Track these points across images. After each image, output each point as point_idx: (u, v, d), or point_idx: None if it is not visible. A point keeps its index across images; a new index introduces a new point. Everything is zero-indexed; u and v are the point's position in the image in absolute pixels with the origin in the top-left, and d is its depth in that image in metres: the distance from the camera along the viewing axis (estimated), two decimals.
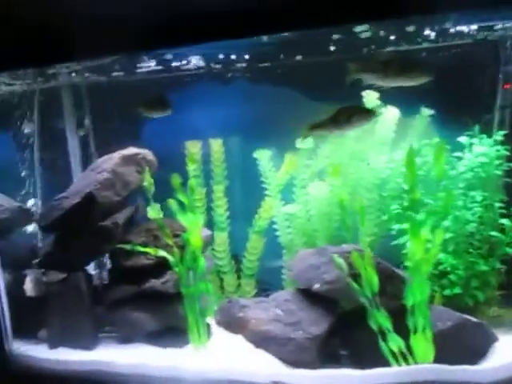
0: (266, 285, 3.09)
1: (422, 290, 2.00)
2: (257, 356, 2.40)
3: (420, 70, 1.90)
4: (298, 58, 2.93)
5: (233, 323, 2.65)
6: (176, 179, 2.27)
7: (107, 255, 2.70)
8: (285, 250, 2.93)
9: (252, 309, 2.64)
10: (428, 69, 1.91)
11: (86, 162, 3.19)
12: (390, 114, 2.61)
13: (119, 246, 2.54)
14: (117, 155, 2.62)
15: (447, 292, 2.46)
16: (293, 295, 2.59)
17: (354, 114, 2.06)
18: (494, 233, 2.39)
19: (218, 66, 3.02)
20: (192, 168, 2.40)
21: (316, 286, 2.41)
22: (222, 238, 2.98)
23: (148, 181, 2.48)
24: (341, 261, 2.17)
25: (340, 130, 2.10)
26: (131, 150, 2.68)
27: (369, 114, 2.06)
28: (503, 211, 2.43)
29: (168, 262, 2.48)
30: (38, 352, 2.61)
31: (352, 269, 2.16)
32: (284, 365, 2.33)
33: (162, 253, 2.47)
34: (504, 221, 2.37)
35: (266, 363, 2.34)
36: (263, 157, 2.89)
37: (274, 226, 2.97)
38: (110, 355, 2.48)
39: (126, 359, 2.42)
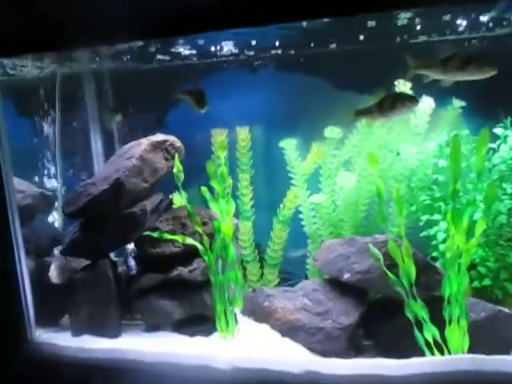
0: (289, 274, 3.08)
1: (460, 280, 1.99)
2: (284, 345, 2.40)
3: (485, 64, 1.89)
4: (331, 46, 2.89)
5: (258, 312, 2.64)
6: (211, 166, 2.24)
7: (134, 242, 2.65)
8: (309, 240, 2.92)
9: (278, 298, 2.63)
10: (493, 62, 1.89)
11: (108, 148, 3.15)
12: (426, 105, 2.58)
13: (146, 233, 2.51)
14: (145, 141, 2.59)
15: (476, 284, 2.46)
16: (321, 285, 2.58)
17: (398, 100, 2.04)
18: None
19: (245, 54, 2.98)
20: (223, 155, 2.36)
21: (346, 276, 2.41)
22: (246, 227, 2.96)
23: (177, 167, 2.45)
24: (376, 251, 2.16)
25: (384, 116, 2.08)
26: (159, 137, 2.64)
27: (412, 101, 2.04)
28: None
29: (196, 250, 2.46)
30: (61, 340, 2.58)
31: (387, 259, 2.16)
32: (313, 354, 2.34)
33: (190, 240, 2.45)
34: None
35: (294, 352, 2.34)
36: (289, 146, 2.87)
37: (298, 216, 2.96)
38: (135, 343, 2.45)
39: (152, 347, 2.40)
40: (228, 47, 2.78)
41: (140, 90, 3.06)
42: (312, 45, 2.86)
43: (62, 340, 2.59)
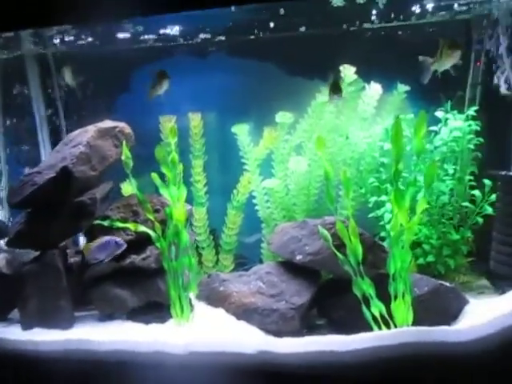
0: (244, 259, 3.12)
1: (404, 257, 2.09)
2: (240, 328, 2.44)
3: (460, 49, 2.04)
4: (283, 32, 2.91)
5: (214, 297, 2.67)
6: (160, 151, 2.22)
7: (84, 232, 2.61)
8: (264, 224, 2.96)
9: (233, 282, 2.67)
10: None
11: (55, 136, 3.05)
12: (373, 90, 2.66)
13: (97, 222, 2.47)
14: (92, 128, 2.53)
15: (421, 261, 2.59)
16: (274, 268, 2.63)
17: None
18: (465, 203, 2.53)
19: (196, 39, 2.95)
20: (173, 141, 2.34)
21: (298, 258, 2.47)
22: (200, 213, 2.97)
23: (126, 154, 2.41)
24: (325, 232, 2.22)
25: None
26: (107, 123, 2.59)
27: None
28: (473, 183, 2.57)
29: (148, 237, 2.44)
30: (10, 333, 2.51)
31: (335, 240, 2.23)
32: (268, 335, 2.39)
33: (142, 228, 2.43)
34: (475, 192, 2.50)
35: (249, 334, 2.39)
36: (241, 131, 2.88)
37: (252, 201, 2.99)
38: (89, 334, 2.42)
39: (106, 337, 2.38)
40: (178, 32, 2.74)
41: (88, 75, 2.97)
42: (264, 30, 2.87)
43: (12, 333, 2.53)
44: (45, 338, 2.42)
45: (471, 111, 2.53)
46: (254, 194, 2.96)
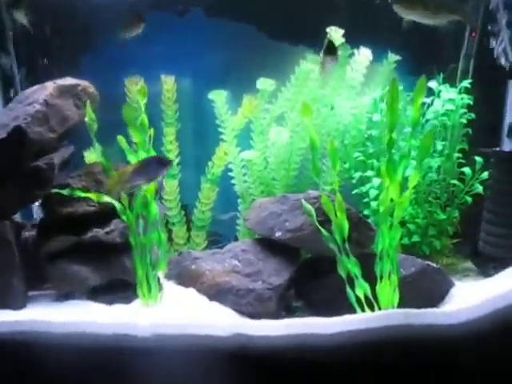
0: (218, 237, 2.92)
1: (393, 235, 1.94)
2: (213, 309, 2.25)
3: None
4: None
5: (184, 276, 2.47)
6: (128, 111, 1.97)
7: (40, 202, 2.34)
8: (240, 200, 2.77)
9: (206, 260, 2.47)
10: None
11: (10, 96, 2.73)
12: (362, 56, 2.48)
13: (55, 190, 2.21)
14: (51, 85, 2.25)
15: (405, 240, 2.46)
16: (251, 245, 2.45)
17: None
18: (454, 181, 2.41)
19: None
20: (142, 102, 2.10)
21: (278, 235, 2.29)
22: (172, 186, 2.74)
23: (89, 116, 2.15)
24: (309, 206, 2.05)
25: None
26: (68, 81, 2.31)
27: None
28: (463, 161, 2.45)
29: (113, 209, 2.20)
30: None
31: (320, 215, 2.06)
32: (243, 317, 2.22)
33: (107, 198, 2.19)
34: (465, 170, 2.38)
35: (223, 316, 2.20)
36: (219, 98, 2.66)
37: (228, 175, 2.78)
38: (44, 314, 2.19)
39: (62, 318, 2.14)
40: None
41: (49, 21, 2.65)
42: None
43: None
44: None
45: (465, 84, 2.40)
46: (231, 166, 2.74)
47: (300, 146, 2.61)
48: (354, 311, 2.03)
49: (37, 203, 2.45)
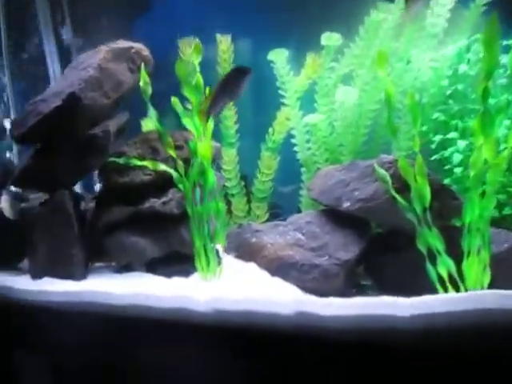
0: (279, 209, 2.75)
1: (485, 204, 1.65)
2: (274, 285, 2.10)
3: None
4: None
5: (244, 249, 2.33)
6: (181, 67, 1.82)
7: (97, 172, 2.28)
8: (303, 169, 2.56)
9: (267, 233, 2.32)
10: None
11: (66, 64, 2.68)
12: None
13: (111, 159, 2.14)
14: (104, 48, 2.16)
15: (494, 213, 2.14)
16: (315, 217, 2.25)
17: None
18: None
19: None
20: (197, 61, 1.94)
21: (346, 205, 2.08)
22: (230, 155, 2.60)
23: (144, 80, 2.03)
24: (383, 171, 1.81)
25: None
26: (122, 43, 2.21)
27: None
28: None
29: (170, 178, 2.10)
30: (18, 283, 2.28)
31: (395, 181, 1.81)
32: (307, 294, 2.04)
33: (163, 166, 2.08)
34: None
35: (285, 292, 2.04)
36: (279, 58, 2.44)
37: (290, 142, 2.58)
38: (104, 285, 2.15)
39: (123, 289, 2.09)
40: None
41: None
42: None
43: (20, 283, 2.29)
44: (56, 288, 2.18)
45: None
46: (293, 133, 2.54)
47: (370, 107, 2.35)
48: (435, 291, 1.79)
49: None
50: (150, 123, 2.56)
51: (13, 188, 2.41)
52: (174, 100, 1.90)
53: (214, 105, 1.74)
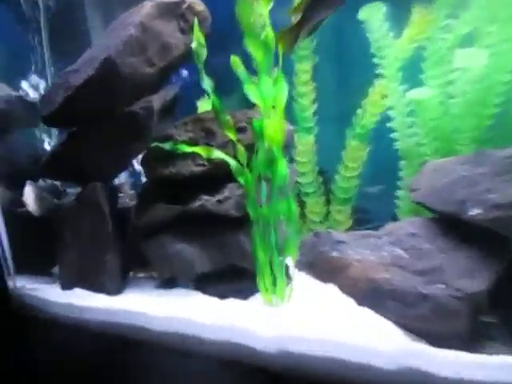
0: (367, 214, 2.15)
1: None
2: (363, 319, 1.53)
3: None
4: None
5: (321, 266, 1.81)
6: (245, 9, 1.30)
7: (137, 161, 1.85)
8: (403, 162, 1.95)
9: (352, 246, 1.77)
10: None
11: None
12: None
13: (154, 144, 1.68)
14: (149, 3, 1.70)
15: None
16: (422, 227, 1.66)
17: None
18: None
19: None
20: (265, 11, 1.41)
21: (473, 213, 1.46)
22: (306, 144, 2.06)
23: (197, 40, 1.55)
24: None
25: None
26: None
27: None
28: None
29: (228, 169, 1.60)
30: (47, 293, 1.93)
31: None
32: (411, 337, 1.45)
33: (220, 154, 1.59)
34: None
35: (380, 333, 1.46)
36: (374, 16, 1.86)
37: (385, 127, 1.98)
38: (142, 304, 1.71)
39: (164, 311, 1.63)
40: None
41: None
42: None
43: (49, 293, 1.94)
44: (85, 302, 1.79)
45: None
46: (390, 114, 1.93)
47: (502, 78, 1.69)
48: None
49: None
50: (207, 104, 2.08)
51: (46, 180, 2.05)
52: (234, 59, 1.39)
53: (308, 17, 1.18)
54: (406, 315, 1.50)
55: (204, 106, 2.12)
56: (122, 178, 2.51)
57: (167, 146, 1.69)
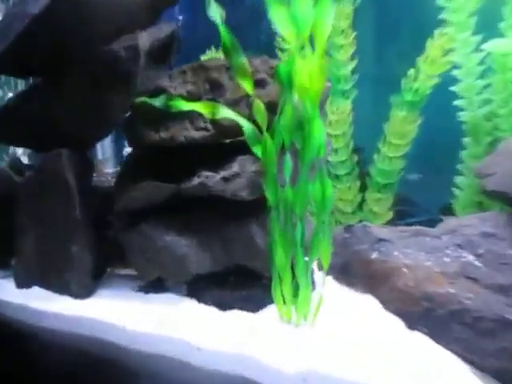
0: (412, 206, 1.71)
1: None
2: (415, 348, 1.10)
3: None
4: None
5: (357, 271, 1.41)
6: None
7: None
8: (469, 138, 1.50)
9: (399, 246, 1.37)
10: None
11: None
12: None
13: (140, 99, 1.25)
14: None
15: None
16: (505, 226, 1.22)
17: None
18: None
19: None
20: None
21: None
22: (340, 111, 1.60)
23: None
24: None
25: None
26: None
27: None
28: None
29: (239, 135, 1.17)
30: (2, 291, 1.50)
31: None
32: (484, 380, 1.02)
33: (229, 113, 1.16)
34: None
35: (437, 370, 1.03)
36: None
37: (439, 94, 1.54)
38: (116, 312, 1.30)
39: (145, 324, 1.21)
40: None
41: None
42: None
43: (4, 291, 1.52)
44: (44, 306, 1.37)
45: None
46: (456, 75, 1.48)
47: None
48: None
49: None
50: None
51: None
52: None
53: None
54: (478, 348, 1.08)
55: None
56: (108, 153, 2.09)
57: (158, 101, 1.25)
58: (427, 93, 1.55)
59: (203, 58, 1.75)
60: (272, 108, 1.24)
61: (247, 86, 1.15)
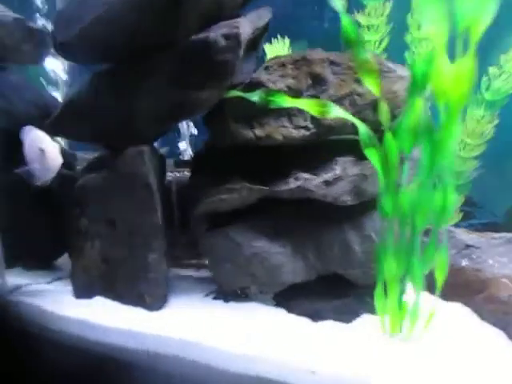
0: (478, 207, 1.68)
1: None
2: None
3: None
4: None
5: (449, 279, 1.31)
6: None
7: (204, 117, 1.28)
8: None
9: (491, 254, 1.32)
10: None
11: None
12: None
13: (232, 93, 1.13)
14: None
15: None
16: None
17: None
18: None
19: None
20: None
21: None
22: None
23: None
24: None
25: None
26: None
27: None
28: None
29: (341, 134, 1.08)
30: (50, 300, 1.36)
31: None
32: None
33: (341, 112, 1.06)
34: None
35: None
36: None
37: None
38: (192, 326, 1.18)
39: (234, 340, 1.11)
40: None
41: None
42: None
43: (53, 301, 1.36)
44: (111, 319, 1.22)
45: None
46: None
47: None
48: None
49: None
50: (276, 48, 1.52)
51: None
52: None
53: None
54: None
55: (273, 50, 1.56)
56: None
57: (255, 96, 1.14)
58: (510, 92, 1.51)
59: (268, 47, 1.63)
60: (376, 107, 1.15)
61: (373, 85, 1.05)
